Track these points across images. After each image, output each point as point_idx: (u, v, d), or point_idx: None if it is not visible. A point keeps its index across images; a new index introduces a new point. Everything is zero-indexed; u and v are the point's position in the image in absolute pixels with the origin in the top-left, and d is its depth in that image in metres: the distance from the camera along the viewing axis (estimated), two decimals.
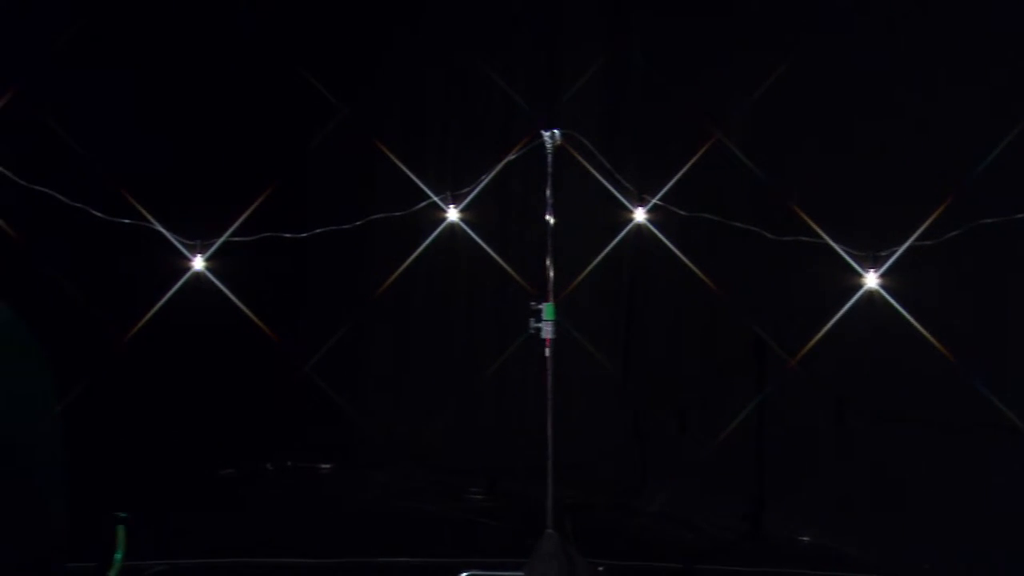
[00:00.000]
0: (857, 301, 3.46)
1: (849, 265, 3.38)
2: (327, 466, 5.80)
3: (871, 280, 3.40)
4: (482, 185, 3.92)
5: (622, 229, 4.01)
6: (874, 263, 3.34)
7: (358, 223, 4.10)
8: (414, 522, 4.93)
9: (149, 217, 3.80)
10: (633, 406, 5.31)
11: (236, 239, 3.87)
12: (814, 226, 3.49)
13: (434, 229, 4.04)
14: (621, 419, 5.34)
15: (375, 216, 4.20)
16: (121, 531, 1.42)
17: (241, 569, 3.81)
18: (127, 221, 3.86)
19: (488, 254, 4.43)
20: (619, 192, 3.74)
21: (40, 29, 4.47)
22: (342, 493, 5.43)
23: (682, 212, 3.83)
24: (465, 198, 3.89)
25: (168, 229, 3.87)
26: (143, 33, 4.84)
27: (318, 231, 4.10)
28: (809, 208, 3.59)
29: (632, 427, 5.32)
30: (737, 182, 4.26)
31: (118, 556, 1.35)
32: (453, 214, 3.95)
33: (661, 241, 4.23)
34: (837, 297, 3.63)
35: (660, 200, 3.70)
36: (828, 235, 3.48)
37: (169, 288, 3.78)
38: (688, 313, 5.05)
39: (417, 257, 4.20)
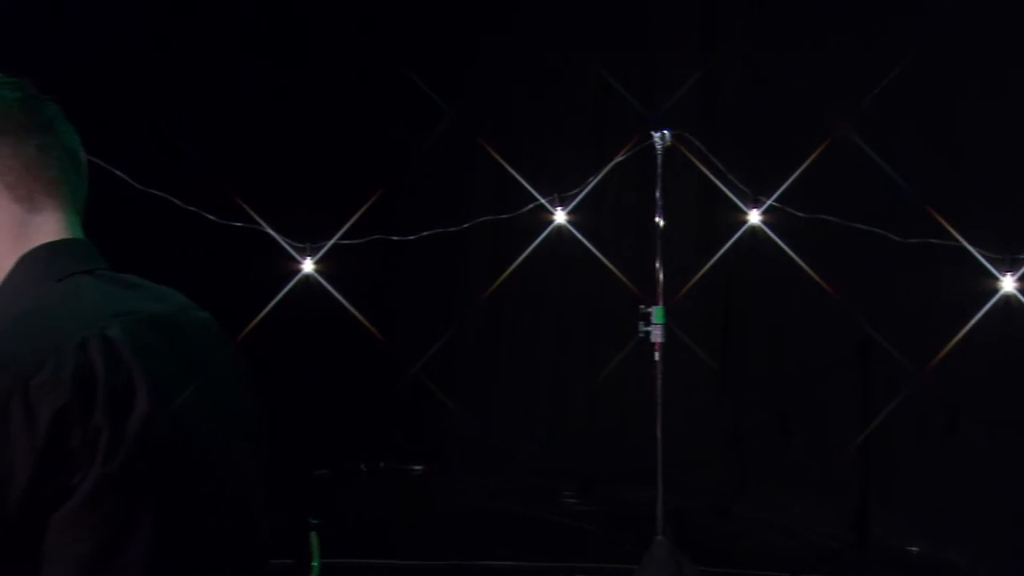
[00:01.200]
0: (985, 305, 3.34)
1: (980, 269, 3.27)
2: (419, 468, 5.82)
3: (1008, 284, 3.28)
4: (589, 187, 3.89)
5: (729, 230, 3.94)
6: (1011, 266, 3.23)
7: (464, 225, 4.10)
8: (509, 525, 4.92)
9: (260, 221, 3.85)
10: (733, 410, 5.23)
11: (345, 242, 3.90)
12: (949, 228, 3.38)
13: (540, 232, 4.02)
14: (720, 423, 5.26)
15: (481, 219, 4.20)
16: (315, 538, 1.41)
17: (335, 570, 3.83)
18: (239, 224, 3.91)
19: (594, 256, 4.38)
20: (733, 193, 3.67)
21: (150, 32, 4.56)
22: (435, 495, 5.45)
23: (800, 214, 3.76)
24: (572, 200, 3.86)
25: (278, 232, 3.91)
26: (250, 36, 4.90)
27: (424, 233, 4.10)
28: (939, 209, 3.48)
29: (731, 431, 5.24)
30: (856, 183, 4.18)
31: (315, 565, 1.34)
32: (560, 216, 3.92)
33: (765, 243, 4.15)
34: (965, 301, 3.51)
35: (776, 201, 3.62)
36: (954, 238, 3.37)
37: (279, 290, 3.81)
38: (793, 316, 4.95)
39: (521, 259, 4.17)
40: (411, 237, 4.03)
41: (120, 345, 1.13)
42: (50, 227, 1.27)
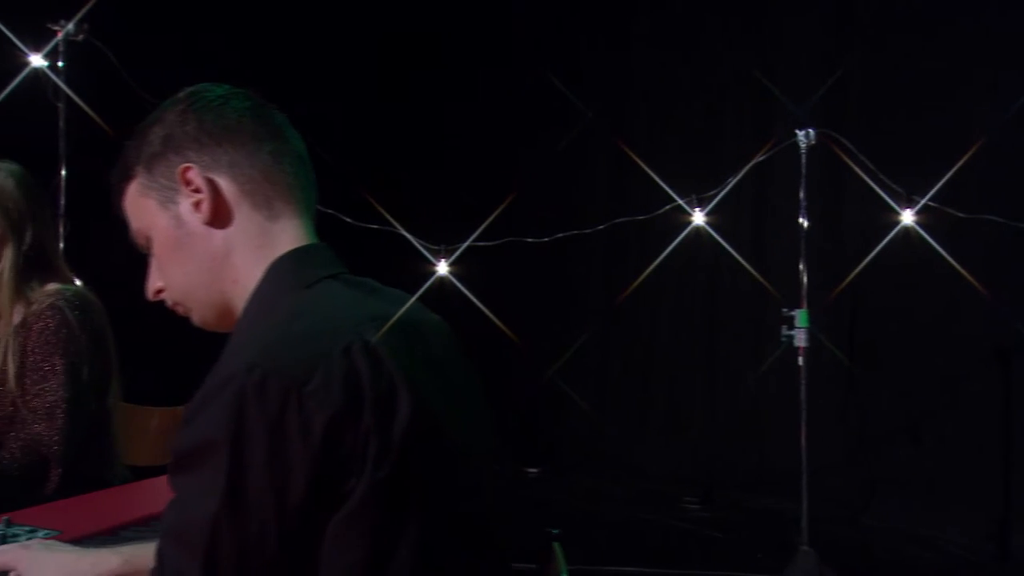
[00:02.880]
0: None
1: None
2: (535, 470, 5.79)
3: None
4: (728, 187, 3.82)
5: (879, 231, 3.82)
6: None
7: (600, 227, 4.05)
8: (631, 530, 4.86)
9: (395, 223, 3.86)
10: (861, 415, 5.09)
11: (479, 244, 3.89)
12: None
13: (678, 233, 3.95)
14: (848, 428, 5.13)
15: (618, 220, 4.15)
16: (558, 548, 1.38)
17: None
18: (375, 227, 3.93)
19: (733, 259, 4.30)
20: (885, 192, 3.55)
21: (284, 34, 4.60)
22: (551, 498, 5.42)
23: (960, 214, 3.63)
24: (711, 201, 3.79)
25: (413, 235, 3.91)
26: (386, 38, 4.93)
27: (559, 236, 4.07)
28: None
29: (859, 437, 5.10)
30: (1009, 182, 4.02)
31: (564, 574, 1.31)
32: (699, 217, 3.86)
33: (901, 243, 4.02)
34: None
35: (932, 201, 3.50)
36: None
37: (413, 292, 3.81)
38: (929, 318, 4.79)
39: (658, 262, 4.11)
40: (545, 239, 4.00)
41: (380, 350, 1.13)
42: (290, 234, 1.29)
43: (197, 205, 1.26)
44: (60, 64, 3.70)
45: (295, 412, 1.06)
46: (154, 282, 1.34)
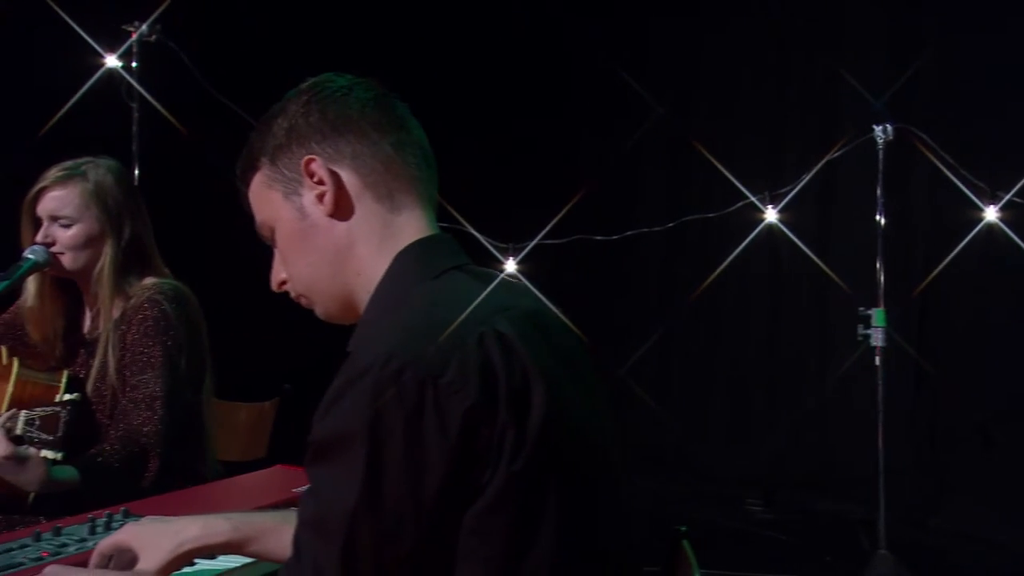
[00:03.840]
0: None
1: None
2: None
3: None
4: (802, 183, 3.77)
5: (960, 228, 3.74)
6: None
7: (669, 224, 4.02)
8: (694, 532, 4.80)
9: (463, 221, 3.86)
10: (929, 417, 5.00)
11: (547, 242, 3.87)
12: None
13: (747, 230, 3.90)
14: (916, 431, 5.03)
15: (688, 218, 4.11)
16: (687, 545, 1.36)
17: None
18: (444, 225, 3.92)
19: (799, 256, 4.24)
20: (968, 189, 3.48)
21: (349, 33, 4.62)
22: None
23: None
24: (784, 198, 3.74)
25: (481, 233, 3.91)
26: (448, 36, 4.93)
27: (628, 233, 4.04)
28: None
29: (928, 439, 5.00)
30: None
31: (696, 574, 1.29)
32: (771, 215, 3.81)
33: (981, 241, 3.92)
34: None
35: (1018, 197, 3.41)
36: None
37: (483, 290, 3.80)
38: (997, 316, 4.68)
39: (730, 260, 4.06)
40: (614, 237, 3.97)
41: (512, 340, 1.12)
42: (413, 225, 1.29)
43: (320, 197, 1.26)
44: (134, 64, 3.76)
45: (432, 404, 1.06)
46: (277, 274, 1.35)
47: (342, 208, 1.26)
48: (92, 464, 2.02)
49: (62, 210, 2.22)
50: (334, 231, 1.26)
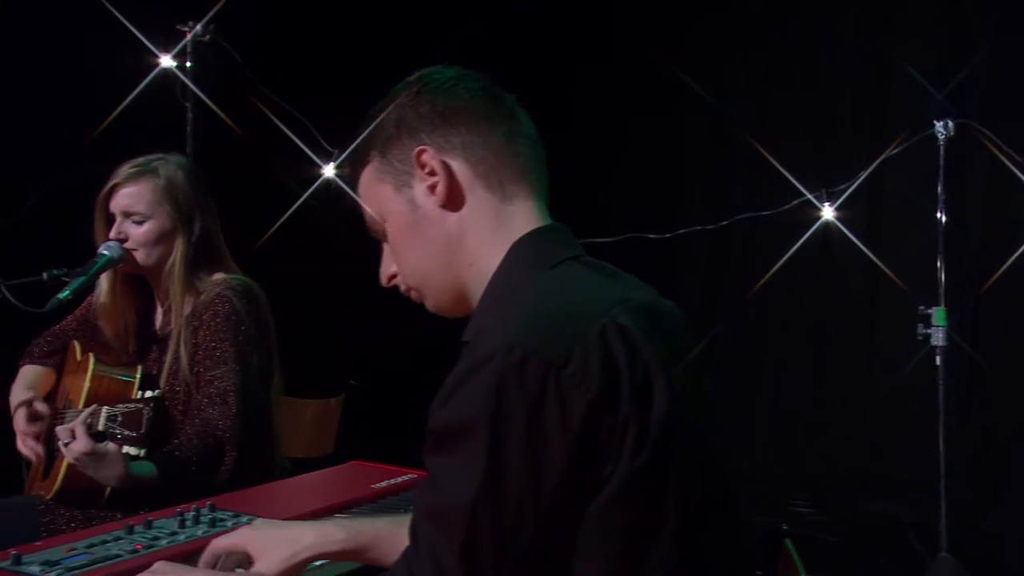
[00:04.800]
0: None
1: None
2: None
3: None
4: (859, 180, 3.72)
5: (1018, 225, 3.69)
6: None
7: (724, 223, 3.98)
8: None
9: None
10: (983, 417, 4.92)
11: (598, 240, 3.85)
12: None
13: (803, 228, 3.86)
14: (970, 431, 4.96)
15: (743, 215, 4.07)
16: (790, 544, 1.35)
17: None
18: None
19: (852, 254, 4.19)
20: None
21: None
22: None
23: None
24: (841, 195, 3.70)
25: None
26: (504, 35, 4.89)
27: (680, 232, 4.01)
28: None
29: (982, 442, 4.93)
30: None
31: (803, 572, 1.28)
32: (828, 212, 3.76)
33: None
34: None
35: None
36: None
37: None
38: None
39: (786, 259, 4.02)
40: (667, 235, 3.94)
41: (634, 333, 1.12)
42: (525, 215, 1.28)
43: (432, 188, 1.26)
44: (188, 64, 3.78)
45: (554, 395, 1.05)
46: (387, 268, 1.35)
47: (454, 199, 1.26)
48: (170, 459, 2.05)
49: (134, 206, 2.25)
50: (446, 222, 1.26)
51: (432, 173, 1.26)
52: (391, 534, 1.35)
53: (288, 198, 4.14)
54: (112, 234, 2.25)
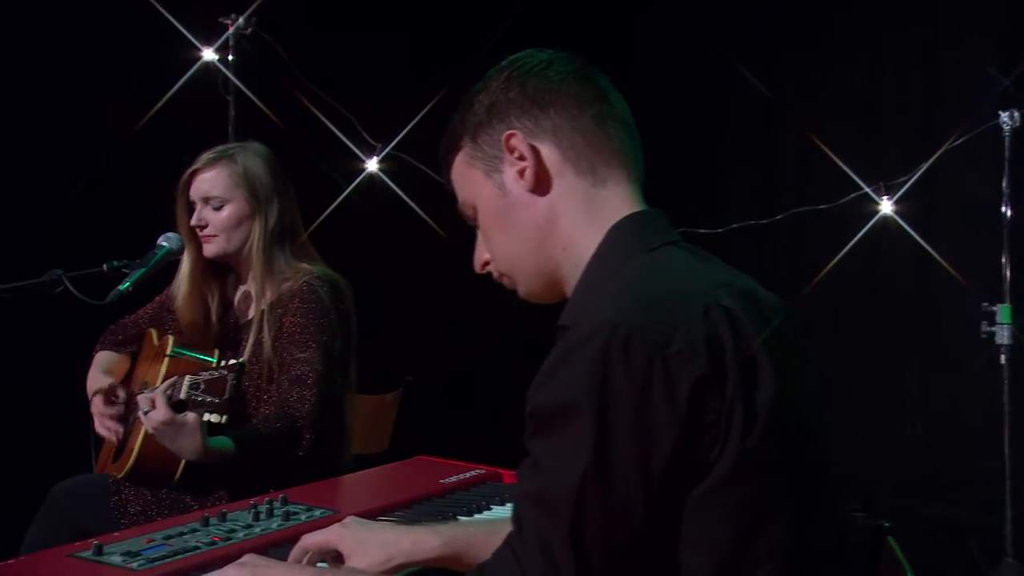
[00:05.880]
0: None
1: None
2: None
3: None
4: (919, 173, 3.68)
5: None
6: None
7: (777, 217, 3.94)
8: None
9: None
10: None
11: None
12: None
13: (860, 222, 3.81)
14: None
15: (797, 209, 4.03)
16: (893, 541, 1.32)
17: None
18: None
19: (916, 249, 4.13)
20: None
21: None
22: None
23: None
24: (900, 188, 3.65)
25: None
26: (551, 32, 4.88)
27: (734, 226, 3.98)
28: None
29: None
30: None
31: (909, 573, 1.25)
32: (887, 206, 3.72)
33: None
34: None
35: None
36: None
37: None
38: None
39: (843, 253, 3.97)
40: (719, 230, 3.91)
41: (739, 315, 1.11)
42: (619, 199, 1.28)
43: (521, 173, 1.26)
44: (230, 58, 3.80)
45: (661, 373, 1.04)
46: (481, 254, 1.35)
47: (542, 183, 1.26)
48: (249, 434, 2.07)
49: (212, 191, 2.30)
50: (536, 207, 1.26)
51: (522, 157, 1.26)
52: (485, 541, 1.34)
53: (331, 192, 4.17)
54: (193, 221, 2.32)
